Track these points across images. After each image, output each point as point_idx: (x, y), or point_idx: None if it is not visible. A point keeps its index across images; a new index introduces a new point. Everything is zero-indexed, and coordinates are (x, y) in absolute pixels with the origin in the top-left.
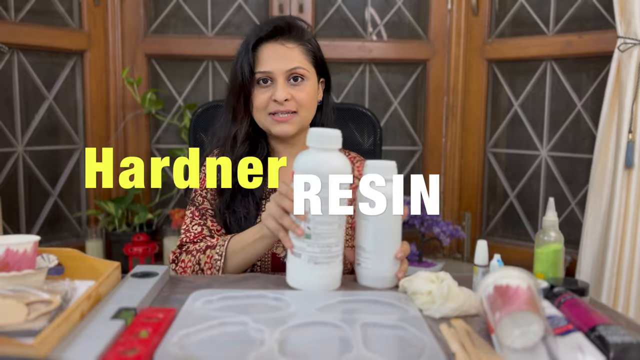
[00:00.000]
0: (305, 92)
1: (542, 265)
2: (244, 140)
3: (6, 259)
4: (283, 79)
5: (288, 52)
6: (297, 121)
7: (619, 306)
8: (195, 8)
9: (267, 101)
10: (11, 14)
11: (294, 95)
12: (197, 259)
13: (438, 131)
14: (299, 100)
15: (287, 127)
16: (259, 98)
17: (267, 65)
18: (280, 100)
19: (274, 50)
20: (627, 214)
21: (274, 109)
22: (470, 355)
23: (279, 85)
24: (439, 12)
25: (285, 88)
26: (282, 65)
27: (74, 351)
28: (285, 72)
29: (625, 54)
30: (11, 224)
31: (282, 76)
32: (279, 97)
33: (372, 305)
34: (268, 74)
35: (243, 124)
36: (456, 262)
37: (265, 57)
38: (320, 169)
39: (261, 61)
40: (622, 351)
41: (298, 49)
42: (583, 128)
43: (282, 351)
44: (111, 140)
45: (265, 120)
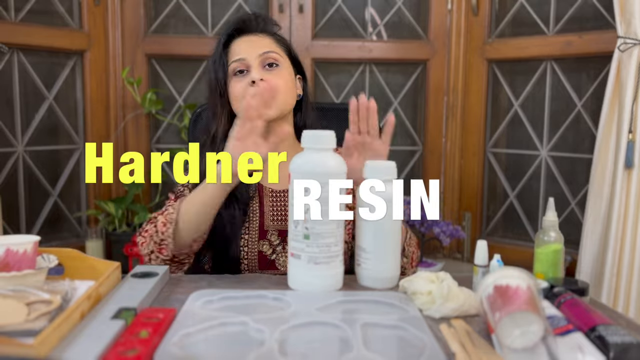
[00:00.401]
0: (280, 75)
1: (542, 265)
2: (223, 138)
3: (6, 259)
4: (257, 63)
5: (259, 40)
6: (275, 104)
7: (619, 306)
8: (195, 8)
9: (244, 88)
10: (11, 14)
11: (269, 78)
12: (154, 223)
13: (438, 131)
14: (274, 83)
15: (267, 111)
16: (235, 88)
17: (239, 53)
18: (256, 80)
19: (246, 40)
20: (627, 214)
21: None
22: (470, 355)
23: (253, 68)
24: (439, 12)
25: (260, 71)
26: (254, 50)
27: (74, 351)
28: (258, 57)
29: (625, 54)
30: (11, 224)
31: (256, 61)
32: (254, 77)
33: (372, 306)
34: (242, 61)
35: (222, 120)
36: (456, 262)
37: (238, 48)
38: (317, 169)
39: (234, 52)
40: (622, 351)
41: (269, 38)
42: (583, 128)
43: (282, 351)
44: (111, 140)
45: None
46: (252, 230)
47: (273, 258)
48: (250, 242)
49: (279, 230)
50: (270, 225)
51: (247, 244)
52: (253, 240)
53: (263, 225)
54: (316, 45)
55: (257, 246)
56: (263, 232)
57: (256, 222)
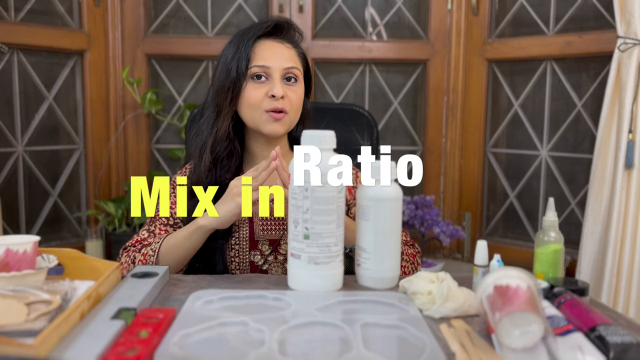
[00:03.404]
0: (297, 93)
1: (542, 265)
2: (224, 139)
3: (6, 259)
4: (279, 76)
5: (287, 51)
6: (287, 121)
7: (619, 306)
8: (195, 8)
9: (262, 97)
10: (11, 14)
11: (288, 94)
12: (132, 257)
13: (438, 131)
14: (292, 100)
15: (279, 127)
16: (253, 94)
17: (265, 60)
18: (278, 97)
19: (273, 47)
20: (627, 214)
21: (270, 106)
22: (470, 355)
23: (276, 82)
24: (439, 12)
25: (281, 84)
26: (280, 63)
27: (74, 351)
28: (282, 70)
29: (625, 54)
30: (11, 224)
31: (278, 73)
32: (277, 93)
33: (372, 306)
34: (265, 69)
35: (225, 122)
36: (456, 262)
37: (264, 53)
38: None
39: (258, 56)
40: (622, 351)
41: (294, 50)
42: (583, 128)
43: (282, 351)
44: (111, 140)
45: (259, 117)
46: (242, 241)
47: (265, 268)
48: (241, 253)
49: (270, 240)
50: (260, 235)
51: (237, 254)
52: (244, 250)
53: (253, 236)
54: (316, 45)
55: (248, 256)
56: (254, 242)
57: (246, 232)
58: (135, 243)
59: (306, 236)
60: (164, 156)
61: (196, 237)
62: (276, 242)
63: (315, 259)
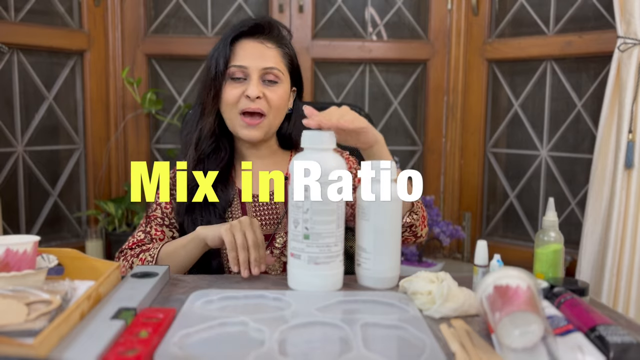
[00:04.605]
0: (277, 94)
1: (542, 265)
2: (209, 137)
3: (6, 259)
4: (257, 76)
5: (266, 51)
6: (265, 125)
7: (619, 306)
8: (195, 8)
9: (238, 97)
10: (11, 14)
11: (266, 94)
12: (130, 263)
13: (438, 131)
14: (270, 101)
15: (254, 133)
16: (229, 93)
17: (243, 60)
18: (253, 97)
19: (253, 47)
20: (627, 214)
21: (244, 106)
22: (470, 355)
23: (252, 82)
24: (439, 12)
25: (258, 85)
26: (258, 63)
27: (74, 351)
28: (260, 70)
29: (625, 54)
30: (11, 224)
31: (256, 73)
32: (251, 93)
33: (372, 306)
34: (243, 68)
35: (209, 119)
36: (456, 262)
37: (243, 52)
38: None
39: (238, 55)
40: (622, 351)
41: (276, 50)
42: (583, 128)
43: (282, 351)
44: (111, 140)
45: (234, 118)
46: None
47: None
48: None
49: (265, 235)
50: None
51: None
52: None
53: None
54: (316, 45)
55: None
56: None
57: None
58: (132, 245)
59: (306, 236)
60: (164, 156)
61: (192, 246)
62: (270, 237)
63: (315, 259)
